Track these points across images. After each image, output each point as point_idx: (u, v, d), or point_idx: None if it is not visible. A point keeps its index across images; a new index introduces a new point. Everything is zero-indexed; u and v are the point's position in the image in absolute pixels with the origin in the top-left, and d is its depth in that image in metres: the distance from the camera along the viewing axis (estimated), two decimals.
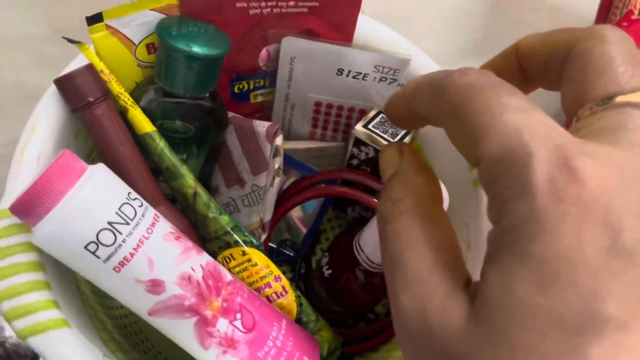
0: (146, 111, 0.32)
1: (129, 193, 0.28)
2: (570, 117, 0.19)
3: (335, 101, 0.39)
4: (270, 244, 0.41)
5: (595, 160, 0.15)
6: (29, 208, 0.25)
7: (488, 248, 0.17)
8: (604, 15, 0.49)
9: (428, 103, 0.20)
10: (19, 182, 0.28)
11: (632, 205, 0.15)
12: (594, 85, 0.18)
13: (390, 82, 0.37)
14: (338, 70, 0.37)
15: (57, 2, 0.55)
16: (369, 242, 0.33)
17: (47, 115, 0.30)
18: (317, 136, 0.42)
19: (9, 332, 0.42)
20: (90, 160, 0.35)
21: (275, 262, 0.40)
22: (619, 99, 0.18)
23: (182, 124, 0.34)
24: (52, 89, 0.30)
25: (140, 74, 0.34)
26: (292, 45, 0.35)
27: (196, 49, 0.31)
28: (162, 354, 0.39)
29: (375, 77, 0.37)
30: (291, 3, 0.35)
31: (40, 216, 0.25)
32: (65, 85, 0.30)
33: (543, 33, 0.22)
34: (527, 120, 0.16)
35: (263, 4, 0.34)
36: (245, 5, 0.34)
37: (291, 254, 0.41)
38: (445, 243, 0.19)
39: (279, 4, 0.35)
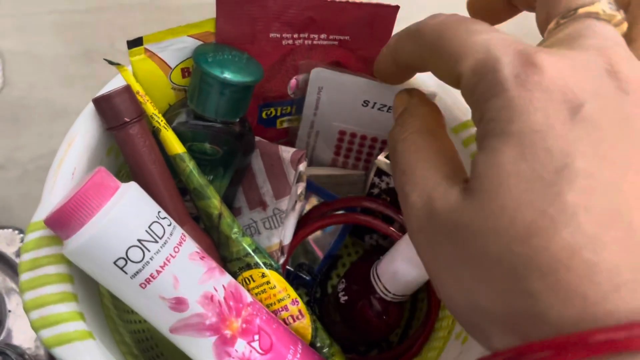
0: (177, 132, 0.33)
1: (159, 212, 0.28)
2: (543, 33, 0.22)
3: (358, 131, 0.40)
4: (287, 267, 0.41)
5: (552, 56, 0.19)
6: (63, 222, 0.26)
7: (477, 145, 0.20)
8: None
9: (410, 49, 0.25)
10: (54, 196, 0.29)
11: (587, 86, 0.18)
12: (560, 1, 0.22)
13: None
14: (364, 102, 0.37)
15: (88, 25, 0.58)
16: (386, 270, 0.34)
17: (84, 132, 0.31)
18: (339, 163, 0.43)
19: (18, 339, 0.43)
20: (120, 177, 0.36)
21: (292, 285, 0.41)
22: (581, 10, 0.21)
23: (210, 146, 0.35)
24: (90, 107, 0.32)
25: (174, 96, 0.35)
26: (321, 76, 0.36)
27: (229, 76, 0.32)
28: None
29: None
30: (322, 36, 0.36)
31: (73, 230, 0.26)
32: (103, 105, 0.31)
33: None
34: (492, 37, 0.20)
35: (295, 35, 0.35)
36: (279, 36, 0.35)
37: (307, 278, 0.41)
38: (447, 153, 0.23)
39: (311, 36, 0.36)
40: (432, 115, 0.26)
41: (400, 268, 0.33)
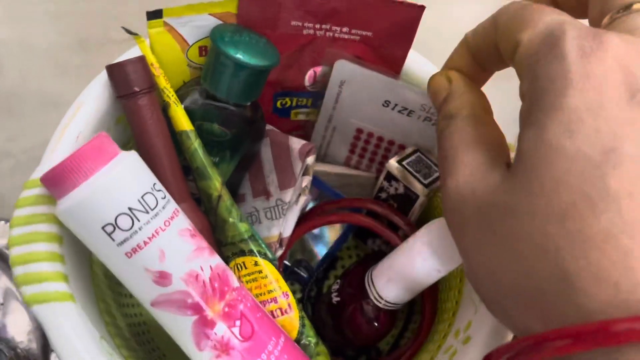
0: (188, 110, 0.33)
1: (154, 184, 0.28)
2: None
3: (376, 131, 0.40)
4: (285, 262, 0.41)
5: (619, 37, 0.19)
6: (57, 181, 0.26)
7: (520, 119, 0.20)
8: None
9: (487, 30, 0.24)
10: (55, 156, 0.29)
11: None
12: None
13: (433, 124, 0.37)
14: (385, 101, 0.37)
15: (82, 14, 0.57)
16: (381, 277, 0.33)
17: (93, 98, 0.31)
18: (352, 162, 0.42)
19: (10, 332, 0.43)
20: (127, 148, 0.36)
21: (287, 280, 0.40)
22: (636, 6, 0.21)
23: (219, 127, 0.34)
24: (103, 74, 0.32)
25: (189, 73, 0.35)
26: (345, 69, 0.36)
27: (243, 57, 0.31)
28: (167, 357, 0.39)
29: (420, 116, 0.37)
30: (345, 29, 0.35)
31: (66, 190, 0.26)
32: (116, 72, 0.31)
33: None
34: (567, 17, 0.20)
35: (317, 26, 0.35)
36: (300, 24, 0.35)
37: (304, 275, 0.41)
38: (492, 139, 0.23)
39: (333, 28, 0.35)
40: (480, 102, 0.25)
41: (395, 276, 0.32)
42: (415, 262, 0.30)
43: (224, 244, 0.34)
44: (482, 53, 0.26)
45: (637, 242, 0.16)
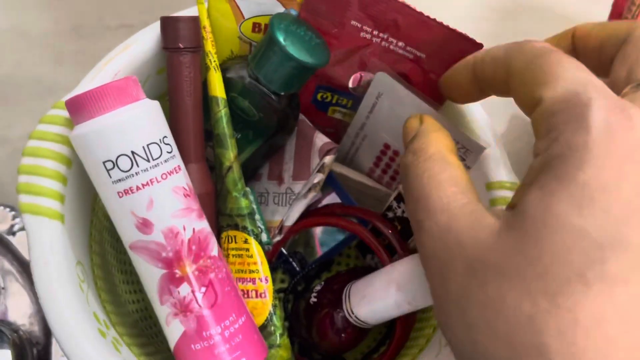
0: (229, 80, 0.34)
1: (164, 137, 0.29)
2: (617, 93, 0.21)
3: (402, 151, 0.39)
4: (282, 249, 0.41)
5: None
6: (78, 108, 0.28)
7: (528, 176, 0.20)
8: None
9: (494, 68, 0.24)
10: (88, 85, 0.31)
11: None
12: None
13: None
14: None
15: (76, 0, 0.55)
16: (357, 292, 0.33)
17: (142, 42, 0.33)
18: (374, 175, 0.42)
19: (12, 316, 0.43)
20: (163, 100, 0.37)
21: (278, 268, 0.41)
22: None
23: (250, 106, 0.35)
24: (157, 24, 0.33)
25: (239, 46, 0.36)
26: (384, 82, 0.36)
27: (292, 49, 0.32)
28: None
29: None
30: (400, 44, 0.35)
31: (83, 118, 0.28)
32: (168, 24, 0.32)
33: (601, 22, 0.26)
34: (590, 77, 0.19)
35: (375, 32, 0.35)
36: (359, 26, 0.35)
37: (297, 268, 0.41)
38: (461, 179, 0.22)
39: (390, 39, 0.35)
40: (445, 142, 0.25)
41: (369, 296, 0.32)
42: (390, 289, 0.30)
43: (222, 213, 0.35)
44: (487, 83, 0.25)
45: (625, 331, 0.16)
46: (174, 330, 0.30)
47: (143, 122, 0.28)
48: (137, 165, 0.28)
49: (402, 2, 0.33)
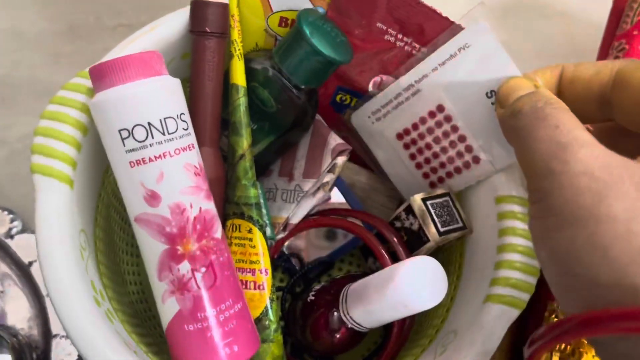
0: (253, 69, 0.35)
1: (182, 114, 0.30)
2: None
3: (458, 117, 0.35)
4: (284, 249, 0.41)
5: None
6: (100, 76, 0.28)
7: None
8: (614, 23, 0.46)
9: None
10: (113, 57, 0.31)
11: None
12: None
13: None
14: (490, 91, 0.33)
15: (72, 0, 0.55)
16: (354, 294, 0.33)
17: (170, 25, 0.34)
18: (406, 138, 0.39)
19: (11, 320, 0.43)
20: (185, 85, 0.37)
21: (277, 266, 0.41)
22: None
23: (269, 97, 0.35)
24: (187, 8, 0.34)
25: (264, 38, 0.36)
26: (478, 34, 0.32)
27: (318, 43, 0.32)
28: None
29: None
30: (423, 49, 0.35)
31: (104, 86, 0.28)
32: (197, 8, 0.33)
33: (583, 65, 0.28)
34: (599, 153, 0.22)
35: (400, 36, 0.35)
36: (384, 28, 0.35)
37: (297, 267, 0.41)
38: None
39: (413, 44, 0.35)
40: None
41: (365, 298, 0.31)
42: (387, 289, 0.29)
43: (230, 200, 0.35)
44: (575, 98, 0.27)
45: None
46: (169, 308, 0.30)
47: (162, 96, 0.29)
48: (152, 137, 0.28)
49: (430, 7, 0.33)
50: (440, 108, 0.35)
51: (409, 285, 0.29)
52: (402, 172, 0.39)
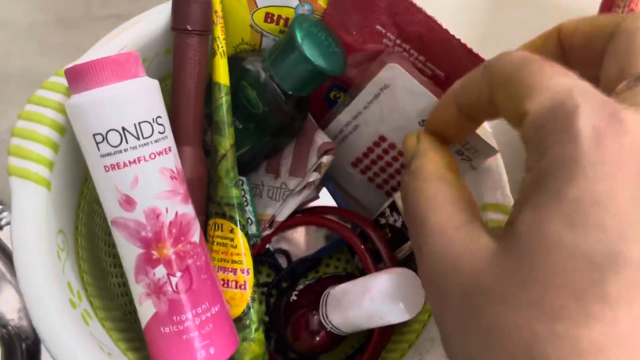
0: (244, 68, 0.34)
1: (158, 117, 0.29)
2: (609, 91, 0.20)
3: (399, 145, 0.37)
4: (269, 245, 0.41)
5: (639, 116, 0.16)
6: (76, 78, 0.28)
7: (521, 193, 0.19)
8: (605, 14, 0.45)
9: (477, 88, 0.22)
10: (92, 56, 0.31)
11: None
12: (635, 62, 0.19)
13: (463, 159, 0.35)
14: (422, 121, 0.35)
15: None
16: (334, 298, 0.33)
17: (152, 20, 0.33)
18: (360, 166, 0.40)
19: (0, 310, 0.43)
20: (169, 80, 0.37)
21: (264, 261, 0.41)
22: None
23: (256, 98, 0.34)
24: (169, 4, 0.33)
25: (250, 34, 0.35)
26: (394, 75, 0.34)
27: (308, 53, 0.31)
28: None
29: (454, 149, 0.35)
30: (421, 58, 0.34)
31: (79, 89, 0.28)
32: (179, 5, 0.32)
33: (586, 17, 0.24)
34: (575, 82, 0.18)
35: (398, 41, 0.34)
36: (383, 32, 0.34)
37: (282, 265, 0.41)
38: (460, 198, 0.22)
39: (411, 51, 0.34)
40: (443, 160, 0.24)
41: (344, 303, 0.31)
42: (364, 300, 0.29)
43: (212, 200, 0.35)
44: (472, 108, 0.24)
45: (631, 358, 0.15)
46: (145, 310, 0.30)
47: (137, 100, 0.28)
48: (126, 142, 0.28)
49: (431, 16, 0.32)
50: (382, 138, 0.38)
51: (385, 298, 0.28)
52: (366, 193, 0.42)
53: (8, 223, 0.43)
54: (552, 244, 0.16)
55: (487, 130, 0.34)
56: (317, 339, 0.34)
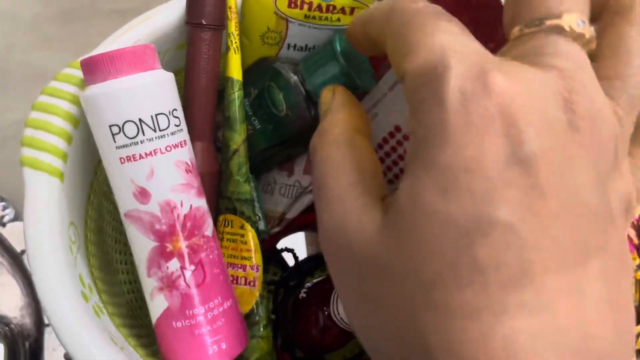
0: (274, 69, 0.34)
1: (174, 110, 0.29)
2: (507, 37, 0.20)
3: None
4: (277, 245, 0.41)
5: (507, 77, 0.16)
6: (92, 69, 0.28)
7: (406, 161, 0.18)
8: None
9: (378, 25, 0.21)
10: (106, 48, 0.31)
11: (535, 120, 0.16)
12: (528, 6, 0.18)
13: None
14: None
15: None
16: None
17: (165, 15, 0.33)
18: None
19: (3, 309, 0.42)
20: (181, 76, 0.37)
21: (270, 262, 0.40)
22: (547, 22, 0.18)
23: (281, 100, 0.34)
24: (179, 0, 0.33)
25: (275, 21, 0.35)
26: None
27: (346, 66, 0.32)
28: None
29: None
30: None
31: (95, 80, 0.28)
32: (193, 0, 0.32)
33: None
34: (454, 41, 0.17)
35: None
36: None
37: (289, 264, 0.41)
38: (365, 166, 0.21)
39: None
40: (353, 121, 0.23)
41: None
42: None
43: (223, 195, 0.35)
44: (378, 47, 0.22)
45: (500, 320, 0.15)
46: (157, 304, 0.30)
47: (154, 92, 0.28)
48: (143, 134, 0.28)
49: None
50: (398, 128, 0.36)
51: None
52: None
53: (11, 220, 0.43)
54: (427, 213, 0.16)
55: None
56: (327, 334, 0.34)
